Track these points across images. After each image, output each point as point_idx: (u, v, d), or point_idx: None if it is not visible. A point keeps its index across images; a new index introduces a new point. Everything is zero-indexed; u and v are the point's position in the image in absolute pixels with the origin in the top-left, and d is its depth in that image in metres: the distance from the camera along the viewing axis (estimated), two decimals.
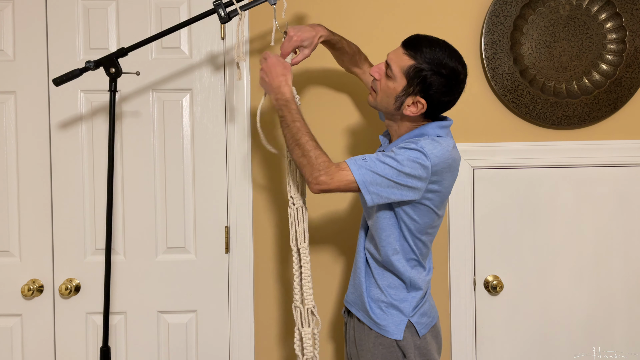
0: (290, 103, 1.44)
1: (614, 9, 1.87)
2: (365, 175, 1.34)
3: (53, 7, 1.89)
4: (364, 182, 1.34)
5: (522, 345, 1.96)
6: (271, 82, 1.47)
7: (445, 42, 1.41)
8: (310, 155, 1.37)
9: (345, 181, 1.35)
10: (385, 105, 1.46)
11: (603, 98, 1.90)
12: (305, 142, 1.39)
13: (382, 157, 1.36)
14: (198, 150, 1.92)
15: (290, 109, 1.43)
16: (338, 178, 1.35)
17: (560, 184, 1.94)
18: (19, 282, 1.91)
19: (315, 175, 1.35)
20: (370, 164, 1.35)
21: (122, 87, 1.89)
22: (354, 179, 1.35)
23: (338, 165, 1.36)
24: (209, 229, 1.93)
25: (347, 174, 1.35)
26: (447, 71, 1.37)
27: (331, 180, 1.35)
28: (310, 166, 1.37)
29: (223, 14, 1.55)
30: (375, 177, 1.34)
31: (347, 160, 1.37)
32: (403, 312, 1.47)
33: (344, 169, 1.35)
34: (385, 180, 1.34)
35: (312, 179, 1.36)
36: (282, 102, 1.45)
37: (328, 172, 1.35)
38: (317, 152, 1.38)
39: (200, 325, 1.94)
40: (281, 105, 1.45)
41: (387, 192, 1.36)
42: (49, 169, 1.91)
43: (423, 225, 1.45)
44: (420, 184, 1.36)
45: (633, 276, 1.95)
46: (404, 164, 1.34)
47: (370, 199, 1.36)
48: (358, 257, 1.57)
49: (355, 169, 1.35)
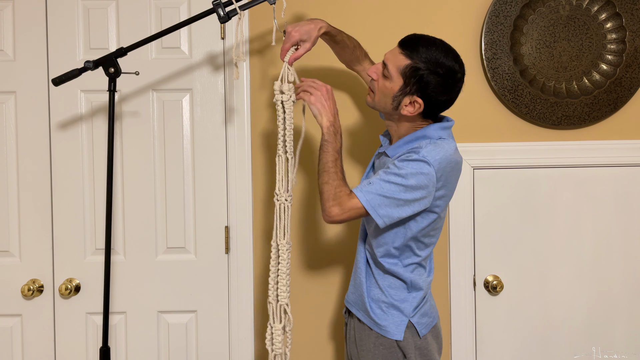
0: (339, 135, 1.48)
1: (614, 9, 1.87)
2: (372, 200, 1.36)
3: (53, 7, 1.89)
4: (373, 207, 1.37)
5: (522, 345, 1.96)
6: (332, 107, 1.49)
7: (442, 41, 1.41)
8: (333, 184, 1.41)
9: (355, 209, 1.38)
10: (383, 106, 1.46)
11: (603, 98, 1.90)
12: (334, 172, 1.42)
13: (385, 176, 1.37)
14: (198, 150, 1.92)
15: (337, 139, 1.47)
16: (348, 207, 1.38)
17: (560, 184, 1.93)
18: (19, 282, 1.91)
19: (328, 205, 1.40)
20: (376, 187, 1.37)
21: (122, 87, 1.89)
22: (362, 206, 1.37)
23: (348, 194, 1.39)
24: (209, 229, 1.93)
25: (356, 202, 1.38)
26: (444, 70, 1.37)
27: (342, 212, 1.38)
28: (327, 194, 1.40)
29: (222, 14, 1.55)
30: (383, 199, 1.36)
31: (353, 189, 1.40)
32: (403, 313, 1.47)
33: (353, 198, 1.38)
34: (393, 201, 1.36)
35: (325, 208, 1.41)
36: (334, 130, 1.47)
37: (340, 203, 1.38)
38: (340, 182, 1.42)
39: (200, 325, 1.94)
40: (332, 131, 1.47)
41: (397, 212, 1.37)
42: (49, 169, 1.91)
43: (427, 229, 1.46)
44: (428, 193, 1.37)
45: (633, 276, 1.95)
46: (408, 178, 1.34)
47: (382, 222, 1.38)
48: (359, 257, 1.57)
49: (362, 196, 1.37)
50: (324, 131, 1.47)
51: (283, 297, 1.50)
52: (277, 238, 1.52)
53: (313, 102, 1.48)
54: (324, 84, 1.50)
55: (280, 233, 1.51)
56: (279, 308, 1.51)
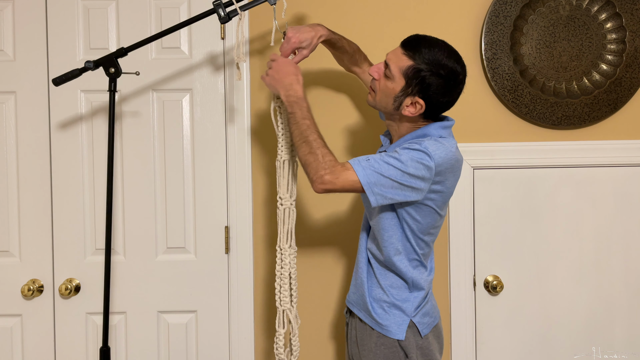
0: (302, 101, 1.44)
1: (614, 9, 1.87)
2: (369, 176, 1.34)
3: (53, 7, 1.89)
4: (369, 183, 1.34)
5: (522, 345, 1.96)
6: (282, 79, 1.47)
7: (445, 43, 1.41)
8: (317, 153, 1.37)
9: (350, 181, 1.35)
10: (384, 105, 1.47)
11: (603, 98, 1.90)
12: (313, 140, 1.39)
13: (386, 158, 1.36)
14: (198, 150, 1.92)
15: (302, 107, 1.44)
16: (343, 178, 1.35)
17: (560, 184, 1.94)
18: (19, 282, 1.91)
19: (320, 173, 1.35)
20: (375, 164, 1.35)
21: (122, 87, 1.89)
22: (358, 180, 1.35)
23: (343, 165, 1.36)
24: (209, 229, 1.93)
25: (351, 174, 1.35)
26: (446, 72, 1.37)
27: (336, 179, 1.35)
28: (316, 164, 1.36)
29: (223, 14, 1.55)
30: (380, 177, 1.34)
31: (351, 160, 1.37)
32: (405, 312, 1.47)
33: (349, 169, 1.35)
34: (389, 181, 1.34)
35: (316, 177, 1.35)
36: (293, 99, 1.44)
37: (333, 172, 1.35)
38: (324, 150, 1.38)
39: (200, 325, 1.94)
40: (292, 102, 1.44)
41: (391, 193, 1.36)
42: (49, 169, 1.91)
43: (425, 225, 1.45)
44: (424, 185, 1.37)
45: (633, 276, 1.95)
46: (408, 165, 1.34)
47: (374, 200, 1.36)
48: (360, 257, 1.57)
49: (360, 170, 1.34)
50: (286, 104, 1.45)
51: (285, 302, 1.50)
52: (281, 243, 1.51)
53: (267, 83, 1.49)
54: (275, 57, 1.50)
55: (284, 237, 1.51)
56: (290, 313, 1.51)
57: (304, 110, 1.43)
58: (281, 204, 1.51)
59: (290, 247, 1.51)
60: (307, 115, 1.43)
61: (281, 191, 1.52)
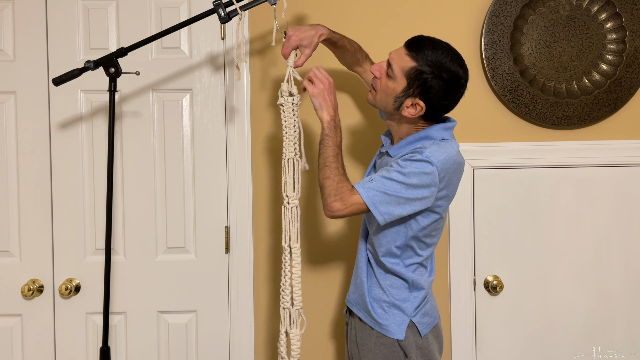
0: (339, 128, 1.48)
1: (614, 9, 1.87)
2: (374, 197, 1.36)
3: (53, 7, 1.89)
4: (374, 204, 1.37)
5: (522, 345, 1.96)
6: (332, 101, 1.49)
7: (448, 45, 1.41)
8: (335, 179, 1.41)
9: (357, 204, 1.38)
10: (384, 105, 1.47)
11: (603, 98, 1.90)
12: (335, 167, 1.42)
13: (388, 174, 1.37)
14: (198, 150, 1.92)
15: (337, 134, 1.47)
16: (350, 203, 1.38)
17: (560, 184, 1.94)
18: (19, 282, 1.91)
19: (329, 200, 1.39)
20: (378, 184, 1.37)
21: (122, 87, 1.89)
22: (363, 202, 1.37)
23: (350, 190, 1.39)
24: (209, 229, 1.93)
25: (357, 198, 1.38)
26: (448, 75, 1.37)
27: (344, 207, 1.38)
28: (329, 189, 1.40)
29: (223, 14, 1.55)
30: (384, 196, 1.36)
31: (355, 184, 1.40)
32: (405, 312, 1.47)
33: (355, 194, 1.38)
34: (394, 198, 1.36)
35: (326, 203, 1.40)
36: (334, 124, 1.47)
37: (342, 199, 1.38)
38: (342, 177, 1.41)
39: (200, 325, 1.94)
40: (332, 125, 1.47)
41: (398, 210, 1.37)
42: (49, 169, 1.91)
43: (428, 229, 1.46)
44: (430, 192, 1.37)
45: (633, 276, 1.95)
46: (411, 176, 1.35)
47: (382, 219, 1.38)
48: (360, 256, 1.57)
49: (363, 192, 1.37)
50: (325, 125, 1.46)
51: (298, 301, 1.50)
52: (290, 241, 1.51)
53: (315, 95, 1.48)
54: (327, 76, 1.50)
55: (293, 236, 1.50)
56: (296, 313, 1.51)
57: (338, 138, 1.47)
58: (288, 203, 1.51)
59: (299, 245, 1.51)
60: (338, 144, 1.47)
61: (287, 190, 1.51)
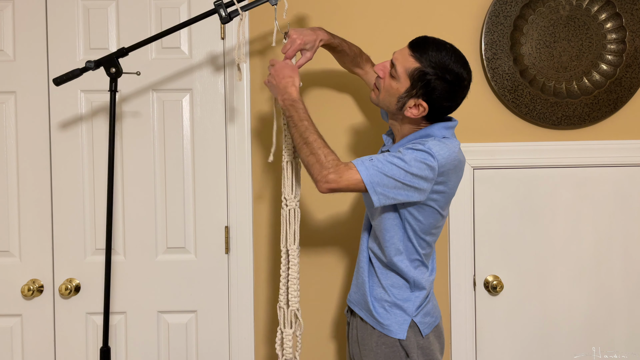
0: (297, 103, 1.45)
1: (614, 9, 1.87)
2: (373, 176, 1.34)
3: (53, 7, 1.89)
4: (372, 183, 1.34)
5: (522, 345, 1.96)
6: (278, 84, 1.49)
7: (452, 46, 1.41)
8: (318, 153, 1.37)
9: (354, 181, 1.35)
10: (387, 104, 1.47)
11: (603, 98, 1.90)
12: (314, 141, 1.39)
13: (390, 158, 1.36)
14: (198, 150, 1.92)
15: (297, 109, 1.44)
16: (347, 177, 1.34)
17: (560, 184, 1.94)
18: (19, 282, 1.91)
19: (324, 173, 1.35)
20: (378, 164, 1.35)
21: (122, 87, 1.89)
22: (361, 179, 1.34)
23: (346, 164, 1.36)
24: (209, 229, 1.93)
25: (355, 173, 1.35)
26: (452, 77, 1.37)
27: (340, 179, 1.34)
28: (319, 164, 1.36)
29: (224, 15, 1.55)
30: (383, 177, 1.34)
31: (354, 160, 1.37)
32: (406, 312, 1.47)
33: (352, 169, 1.35)
34: (392, 181, 1.34)
35: (320, 177, 1.36)
36: (289, 102, 1.45)
37: (337, 171, 1.35)
38: (326, 150, 1.38)
39: (200, 325, 1.94)
40: (288, 105, 1.46)
41: (393, 193, 1.36)
42: (49, 169, 1.91)
43: (427, 225, 1.45)
44: (427, 185, 1.37)
45: (633, 276, 1.96)
46: (412, 165, 1.34)
47: (377, 200, 1.36)
48: (361, 256, 1.57)
49: (363, 170, 1.35)
50: (282, 109, 1.48)
51: (294, 302, 1.50)
52: (287, 243, 1.51)
53: (267, 86, 1.53)
54: (275, 62, 1.53)
55: (290, 238, 1.51)
56: (291, 313, 1.51)
57: (300, 112, 1.44)
58: (286, 205, 1.51)
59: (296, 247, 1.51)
60: (304, 117, 1.43)
61: (286, 192, 1.52)
